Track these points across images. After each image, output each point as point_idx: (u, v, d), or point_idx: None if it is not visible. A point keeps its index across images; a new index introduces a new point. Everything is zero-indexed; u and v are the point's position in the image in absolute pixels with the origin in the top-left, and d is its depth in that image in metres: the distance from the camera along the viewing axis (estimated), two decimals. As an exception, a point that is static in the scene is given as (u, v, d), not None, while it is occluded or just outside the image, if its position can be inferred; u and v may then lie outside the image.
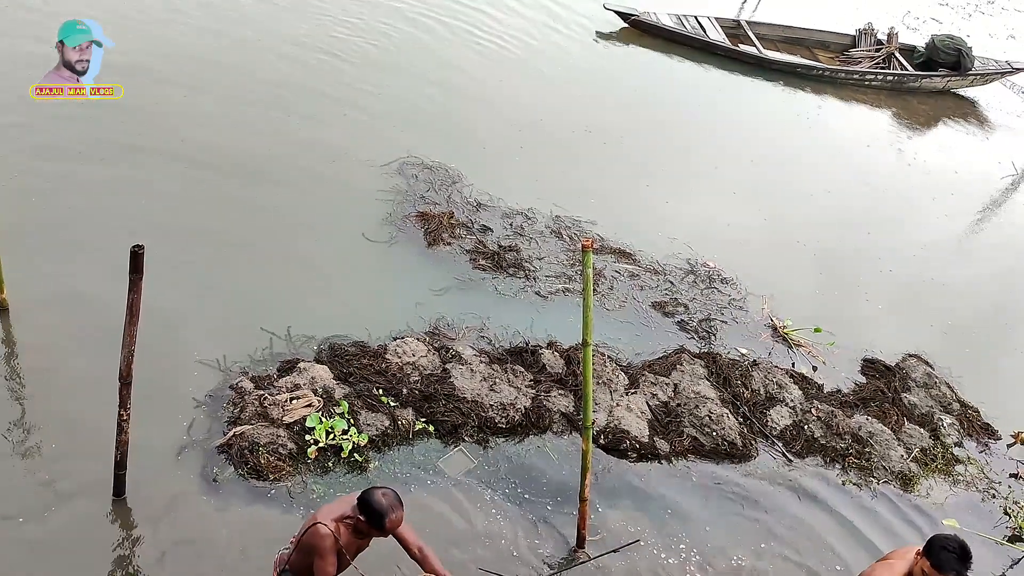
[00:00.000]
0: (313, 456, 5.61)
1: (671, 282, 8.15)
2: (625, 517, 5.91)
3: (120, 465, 5.01)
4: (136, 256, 4.31)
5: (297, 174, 8.20)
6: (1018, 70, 14.14)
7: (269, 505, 5.34)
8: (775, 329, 7.94)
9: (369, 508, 3.74)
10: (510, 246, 7.97)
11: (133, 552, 4.97)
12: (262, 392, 5.88)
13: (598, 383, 6.66)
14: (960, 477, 6.98)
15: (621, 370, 6.92)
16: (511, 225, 8.27)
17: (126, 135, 8.02)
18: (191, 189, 7.64)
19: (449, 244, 7.82)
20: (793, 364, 7.63)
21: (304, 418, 5.73)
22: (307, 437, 5.66)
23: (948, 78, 13.58)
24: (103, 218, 7.02)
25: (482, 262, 7.72)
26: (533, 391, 6.50)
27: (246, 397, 5.84)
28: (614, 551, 5.45)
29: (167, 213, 7.26)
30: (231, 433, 5.57)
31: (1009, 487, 6.97)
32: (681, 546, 5.84)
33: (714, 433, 6.60)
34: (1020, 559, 6.41)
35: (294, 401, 5.81)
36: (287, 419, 5.72)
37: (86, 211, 7.07)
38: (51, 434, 5.40)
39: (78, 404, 5.57)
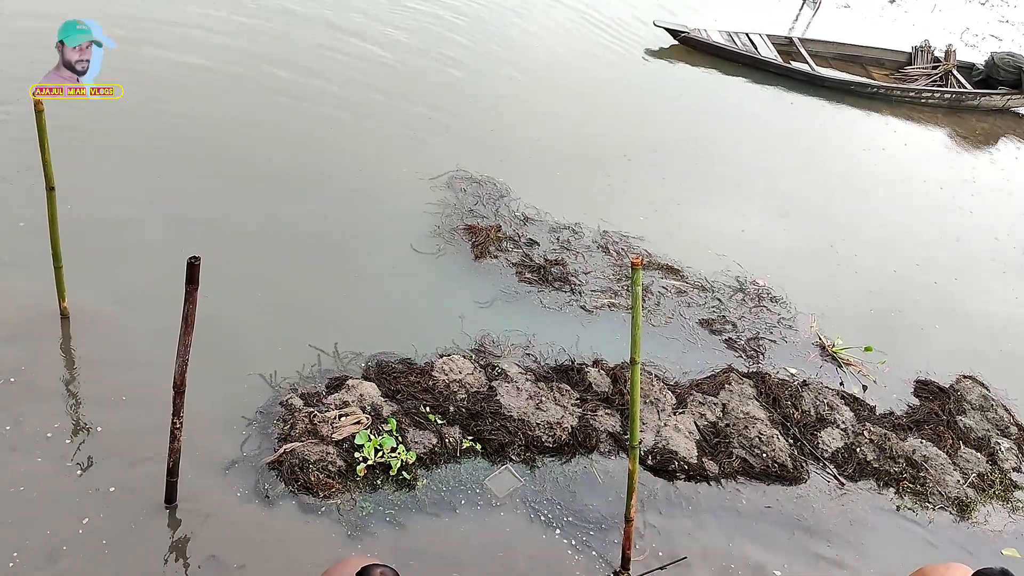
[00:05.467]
0: (362, 474, 5.63)
1: (719, 299, 8.07)
2: (672, 539, 5.84)
3: (172, 472, 5.09)
4: (192, 267, 4.38)
5: (348, 186, 8.29)
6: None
7: (319, 522, 5.36)
8: (823, 348, 7.81)
9: None
10: (556, 260, 7.97)
11: (183, 560, 5.03)
12: (311, 409, 5.92)
13: (645, 402, 6.61)
14: (1019, 504, 6.79)
15: (668, 389, 6.86)
16: (558, 239, 8.27)
17: (177, 147, 8.17)
18: (239, 200, 7.74)
19: (496, 257, 7.84)
20: (842, 383, 7.50)
21: (353, 435, 5.76)
22: (356, 454, 5.69)
23: (1008, 96, 13.29)
24: (156, 229, 7.14)
25: (528, 275, 7.73)
26: (579, 410, 6.46)
27: (296, 414, 5.88)
28: (661, 568, 5.39)
29: (215, 225, 7.36)
30: (282, 450, 5.62)
31: (1071, 516, 6.76)
32: (731, 568, 5.75)
33: (764, 455, 6.49)
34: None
35: (343, 418, 5.84)
36: (336, 436, 5.74)
37: (140, 221, 7.21)
38: (106, 440, 5.51)
39: (132, 412, 5.67)
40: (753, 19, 14.32)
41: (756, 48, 13.02)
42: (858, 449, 6.78)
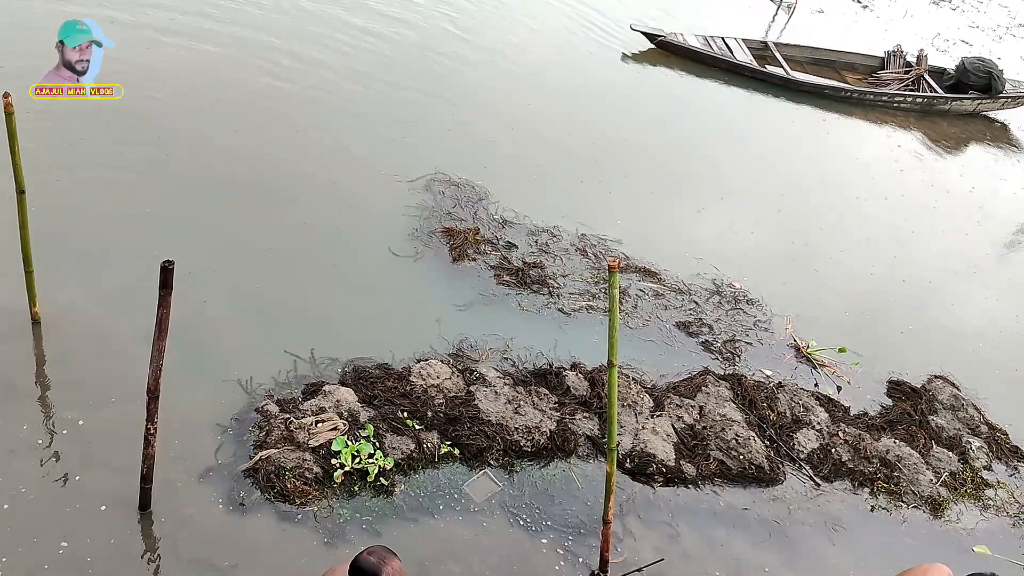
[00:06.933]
0: (339, 480, 5.59)
1: (696, 302, 8.11)
2: (651, 541, 5.86)
3: (146, 479, 5.03)
4: (166, 271, 4.34)
5: (326, 188, 8.25)
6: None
7: (296, 530, 5.32)
8: (798, 350, 7.88)
9: (361, 572, 3.61)
10: (534, 263, 7.97)
11: (156, 568, 4.98)
12: (287, 415, 5.87)
13: (623, 405, 6.62)
14: (990, 502, 6.88)
15: (646, 392, 6.88)
16: (536, 242, 8.28)
17: (152, 147, 8.09)
18: (216, 203, 7.68)
19: (474, 260, 7.83)
20: (816, 384, 7.57)
21: (330, 442, 5.72)
22: (333, 461, 5.64)
23: (978, 100, 13.48)
24: (129, 233, 7.07)
25: (506, 278, 7.73)
26: (558, 414, 6.47)
27: (272, 420, 5.83)
28: (638, 570, 5.40)
29: (190, 227, 7.29)
30: (257, 457, 5.57)
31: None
32: (709, 570, 5.78)
33: (741, 457, 6.53)
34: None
35: (319, 424, 5.80)
36: (313, 443, 5.71)
37: (113, 224, 7.13)
38: (79, 446, 5.44)
39: (106, 417, 5.61)
40: (729, 23, 14.42)
41: (732, 52, 13.11)
42: (833, 450, 6.84)
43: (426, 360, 6.60)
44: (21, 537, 4.90)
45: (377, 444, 5.82)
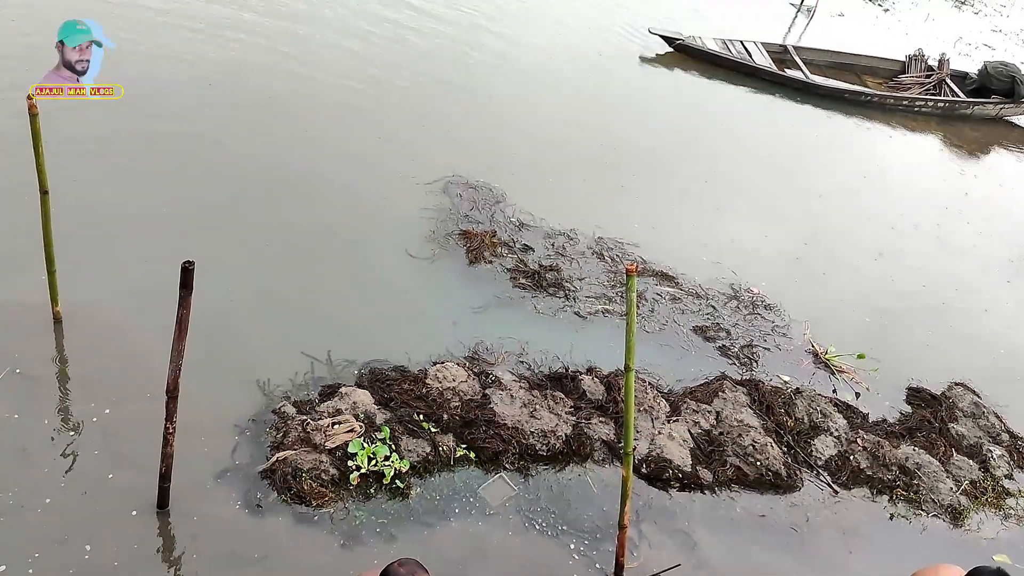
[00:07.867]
0: (355, 482, 5.60)
1: (713, 307, 8.07)
2: (667, 547, 5.83)
3: (165, 478, 5.07)
4: (186, 272, 4.37)
5: (343, 190, 8.28)
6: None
7: (312, 532, 5.33)
8: (816, 355, 7.82)
9: None
10: (551, 266, 7.97)
11: (174, 566, 5.01)
12: (304, 417, 5.89)
13: (639, 410, 6.60)
14: (1011, 510, 6.81)
15: (662, 397, 6.85)
16: (553, 245, 8.27)
17: (171, 147, 8.15)
18: (234, 203, 7.74)
19: (490, 262, 7.84)
20: (835, 391, 7.51)
21: (346, 444, 5.74)
22: (349, 463, 5.66)
23: (1001, 105, 13.36)
24: (148, 233, 7.13)
25: (522, 281, 7.73)
26: (574, 418, 6.45)
27: (288, 422, 5.85)
28: None
29: (208, 228, 7.34)
30: (274, 458, 5.58)
31: (1063, 522, 6.78)
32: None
33: (758, 463, 6.49)
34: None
35: (336, 426, 5.82)
36: (329, 444, 5.72)
37: (132, 225, 7.20)
38: (100, 444, 5.49)
39: (126, 416, 5.65)
40: (748, 27, 14.37)
41: (751, 56, 13.06)
42: (851, 457, 6.79)
43: (442, 363, 6.60)
44: (52, 535, 4.95)
45: (393, 447, 5.83)
